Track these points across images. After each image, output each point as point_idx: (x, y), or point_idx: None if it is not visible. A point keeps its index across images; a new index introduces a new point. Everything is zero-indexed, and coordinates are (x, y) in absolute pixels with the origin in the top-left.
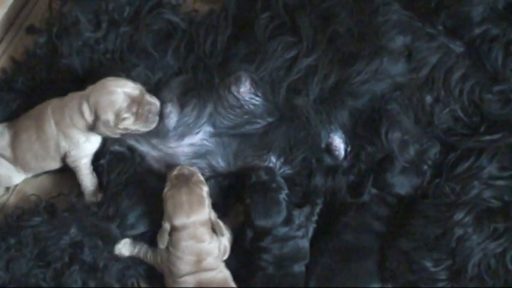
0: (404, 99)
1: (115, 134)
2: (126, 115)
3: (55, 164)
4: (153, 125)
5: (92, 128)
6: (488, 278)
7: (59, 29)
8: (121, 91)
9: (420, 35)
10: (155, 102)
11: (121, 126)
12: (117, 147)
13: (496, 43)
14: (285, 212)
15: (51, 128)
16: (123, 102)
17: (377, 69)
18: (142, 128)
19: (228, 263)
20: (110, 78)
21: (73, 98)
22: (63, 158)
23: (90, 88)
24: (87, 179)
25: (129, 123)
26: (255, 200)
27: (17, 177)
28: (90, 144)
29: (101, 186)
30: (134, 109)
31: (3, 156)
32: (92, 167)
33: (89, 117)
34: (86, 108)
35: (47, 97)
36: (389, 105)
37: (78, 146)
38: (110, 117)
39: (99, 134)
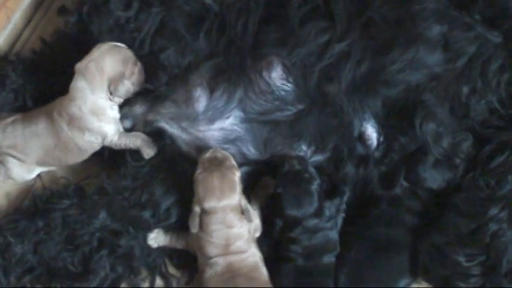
0: (440, 90)
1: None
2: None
3: (83, 158)
4: None
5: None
6: None
7: (89, 8)
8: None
9: (457, 24)
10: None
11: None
12: (147, 130)
13: None
14: (317, 203)
15: (66, 133)
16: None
17: (413, 58)
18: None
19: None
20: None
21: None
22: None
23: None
24: (129, 142)
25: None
26: (287, 189)
27: (33, 173)
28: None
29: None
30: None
31: (12, 155)
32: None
33: (106, 101)
34: (102, 97)
35: None
36: (425, 95)
37: (105, 135)
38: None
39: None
